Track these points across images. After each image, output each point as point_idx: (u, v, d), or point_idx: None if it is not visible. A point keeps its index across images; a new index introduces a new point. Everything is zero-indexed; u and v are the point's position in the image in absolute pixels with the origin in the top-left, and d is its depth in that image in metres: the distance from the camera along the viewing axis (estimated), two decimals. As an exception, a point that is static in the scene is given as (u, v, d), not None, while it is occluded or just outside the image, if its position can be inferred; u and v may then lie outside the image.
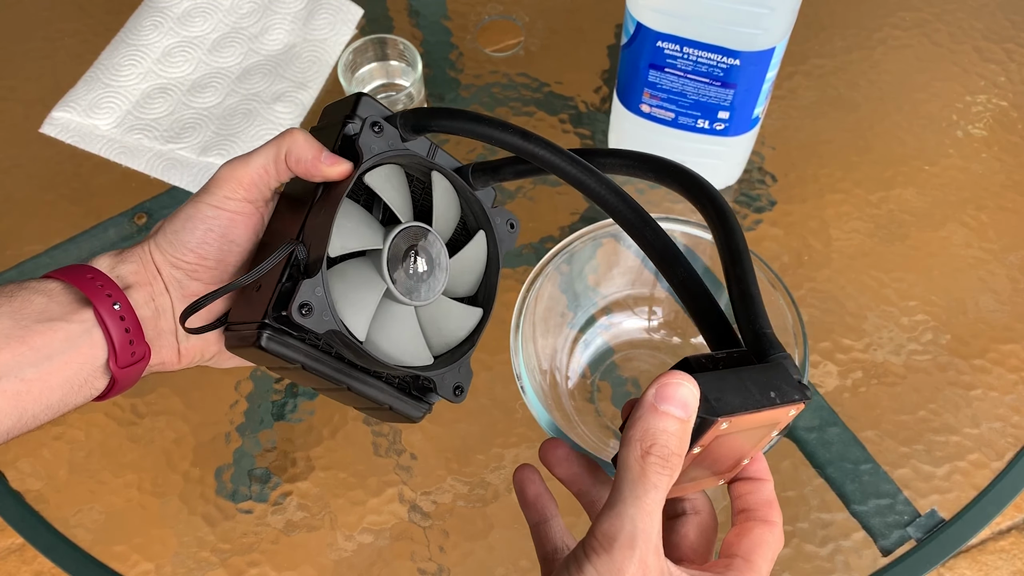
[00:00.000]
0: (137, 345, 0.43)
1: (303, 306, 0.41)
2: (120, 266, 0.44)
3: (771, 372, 0.38)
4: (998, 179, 0.84)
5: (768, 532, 0.38)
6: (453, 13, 0.95)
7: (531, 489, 0.42)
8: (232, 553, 0.68)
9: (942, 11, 0.94)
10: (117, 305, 0.42)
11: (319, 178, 0.44)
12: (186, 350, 0.46)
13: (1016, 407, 0.73)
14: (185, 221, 0.44)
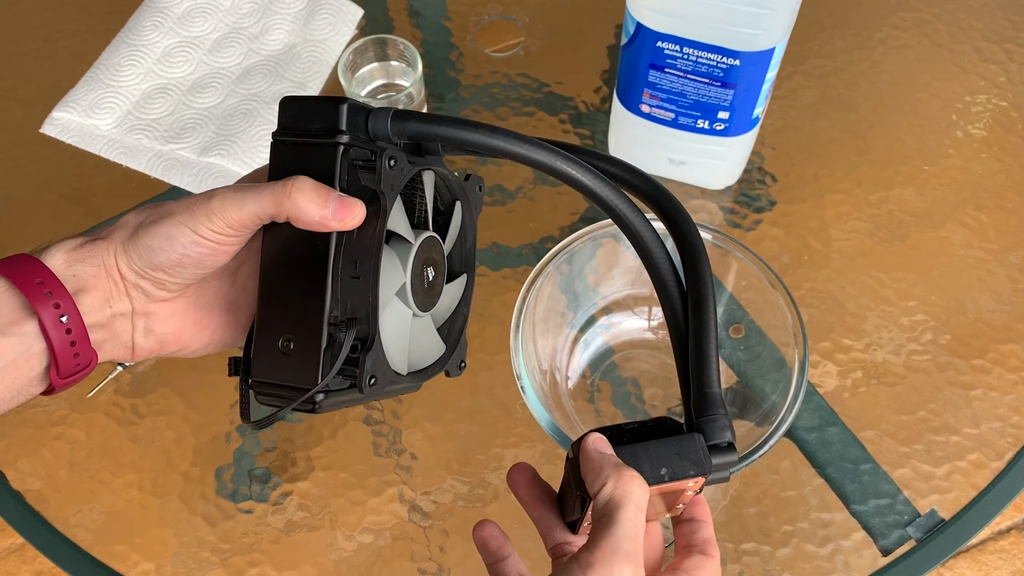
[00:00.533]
0: (82, 356, 0.41)
1: (371, 377, 0.42)
2: (78, 265, 0.41)
3: (683, 444, 0.42)
4: (998, 179, 0.84)
5: (708, 561, 0.43)
6: (453, 13, 0.95)
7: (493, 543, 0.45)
8: (232, 553, 0.68)
9: (942, 11, 0.94)
10: (64, 317, 0.40)
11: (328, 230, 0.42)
12: (141, 349, 0.44)
13: (1016, 407, 0.73)
14: (163, 241, 0.41)
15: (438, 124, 0.43)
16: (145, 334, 0.44)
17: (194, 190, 0.83)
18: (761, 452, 0.59)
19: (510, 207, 0.82)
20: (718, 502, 0.69)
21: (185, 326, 0.45)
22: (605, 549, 0.37)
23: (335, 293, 0.42)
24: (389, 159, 0.42)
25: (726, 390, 0.73)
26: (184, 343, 0.45)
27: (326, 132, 0.42)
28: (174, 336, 0.45)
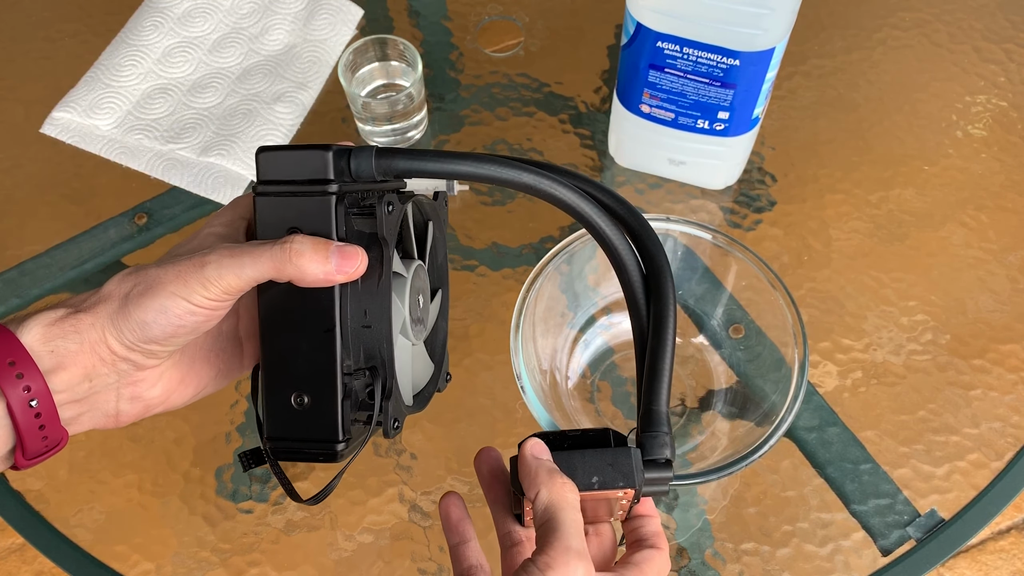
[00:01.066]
0: (51, 437, 0.39)
1: (395, 421, 0.44)
2: (57, 341, 0.39)
3: (618, 456, 0.44)
4: (998, 179, 0.84)
5: (657, 553, 0.45)
6: (453, 13, 0.95)
7: (455, 513, 0.47)
8: (232, 553, 0.68)
9: (942, 11, 0.94)
10: (35, 401, 0.38)
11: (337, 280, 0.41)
12: (126, 416, 0.43)
13: (1016, 407, 0.73)
14: (158, 314, 0.39)
15: (424, 159, 0.43)
16: (131, 401, 0.43)
17: (194, 190, 0.83)
18: (761, 452, 0.59)
19: (510, 207, 0.82)
20: (718, 502, 0.69)
21: (171, 386, 0.44)
22: (558, 549, 0.39)
23: (345, 343, 0.42)
24: (387, 204, 0.42)
25: (726, 390, 0.73)
26: (171, 402, 0.44)
27: (313, 182, 0.41)
28: (160, 398, 0.44)
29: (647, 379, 0.46)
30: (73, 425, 0.42)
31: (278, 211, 0.41)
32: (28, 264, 0.80)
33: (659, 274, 0.48)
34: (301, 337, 0.42)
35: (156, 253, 0.81)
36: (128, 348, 0.40)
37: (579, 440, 0.45)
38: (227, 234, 0.44)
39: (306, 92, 0.87)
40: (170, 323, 0.39)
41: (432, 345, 0.53)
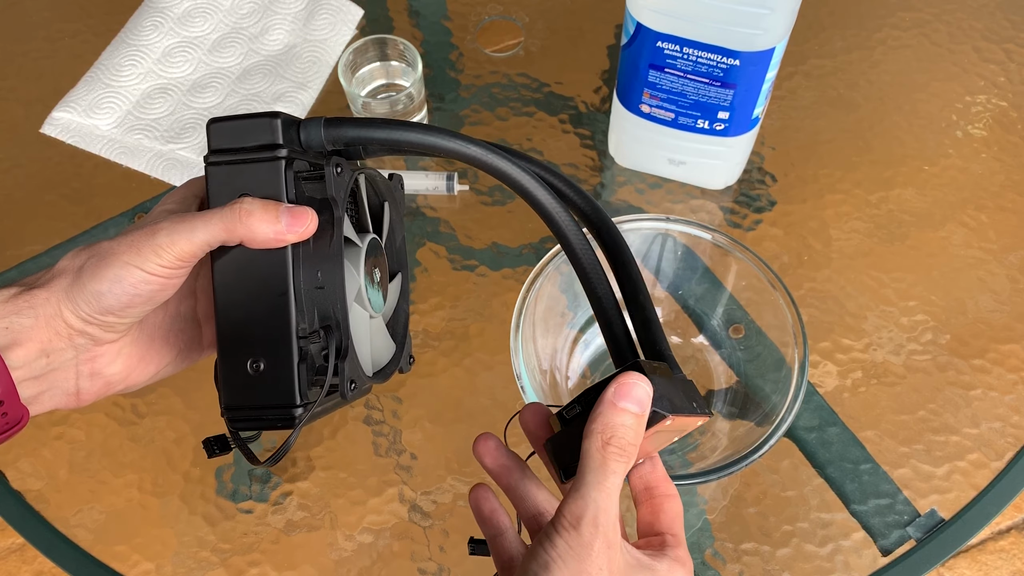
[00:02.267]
0: (11, 414, 0.39)
1: (351, 382, 0.42)
2: (11, 317, 0.39)
3: (688, 386, 0.45)
4: (998, 179, 0.84)
5: (675, 504, 0.44)
6: (453, 13, 0.95)
7: (486, 506, 0.45)
8: (232, 553, 0.68)
9: (941, 11, 0.94)
10: None
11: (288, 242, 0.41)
12: (87, 394, 0.42)
13: (1016, 407, 0.73)
14: (112, 283, 0.39)
15: (371, 127, 0.43)
16: (91, 378, 0.42)
17: (194, 190, 0.83)
18: (761, 452, 0.59)
19: (510, 207, 0.82)
20: (718, 502, 0.69)
21: (131, 363, 0.44)
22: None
23: (299, 305, 0.41)
24: (336, 166, 0.43)
25: (726, 390, 0.73)
26: (131, 380, 0.44)
27: (263, 148, 0.41)
28: (121, 375, 0.43)
29: (644, 330, 0.47)
30: (34, 405, 0.41)
31: (229, 179, 0.42)
32: (28, 264, 0.80)
33: (615, 243, 0.49)
34: (255, 303, 0.42)
35: (156, 253, 0.81)
36: (84, 321, 0.40)
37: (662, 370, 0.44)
38: (179, 211, 0.44)
39: (306, 92, 0.87)
40: (125, 292, 0.39)
41: (394, 327, 0.53)
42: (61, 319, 0.40)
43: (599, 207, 0.49)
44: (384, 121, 0.43)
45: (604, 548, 0.37)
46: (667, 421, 0.41)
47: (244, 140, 0.42)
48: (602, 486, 0.38)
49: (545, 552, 0.37)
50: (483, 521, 0.45)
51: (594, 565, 0.37)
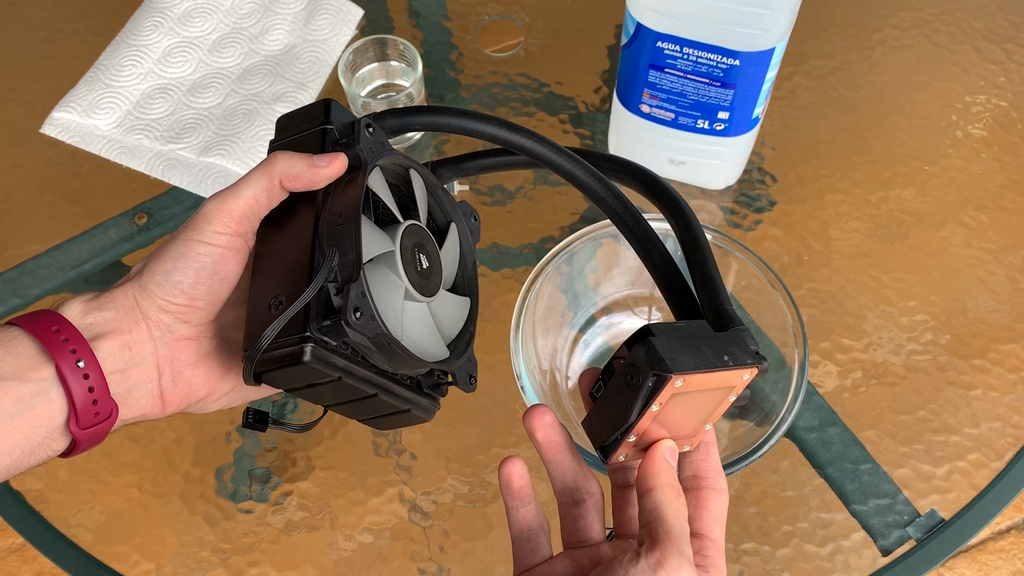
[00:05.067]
0: (102, 404, 0.40)
1: (356, 310, 0.40)
2: (94, 313, 0.41)
3: (729, 340, 0.40)
4: (998, 179, 0.84)
5: (721, 501, 0.41)
6: (453, 13, 0.95)
7: (517, 481, 0.42)
8: (232, 553, 0.68)
9: (942, 11, 0.94)
10: (81, 362, 0.39)
11: (321, 183, 0.43)
12: (171, 397, 0.43)
13: (1016, 407, 0.73)
14: (176, 261, 0.41)
15: (414, 114, 0.47)
16: (173, 380, 0.43)
17: (194, 190, 0.83)
18: (761, 452, 0.59)
19: (510, 207, 0.82)
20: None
21: (211, 367, 0.44)
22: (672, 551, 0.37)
23: (320, 244, 0.42)
24: (367, 126, 0.45)
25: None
26: (212, 386, 0.45)
27: (313, 126, 0.46)
28: (202, 379, 0.44)
29: (705, 286, 0.44)
30: (123, 407, 0.42)
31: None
32: (28, 264, 0.80)
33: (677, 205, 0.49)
34: (283, 249, 0.43)
35: (156, 253, 0.81)
36: (160, 309, 0.42)
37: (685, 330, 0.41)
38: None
39: (306, 92, 0.87)
40: (189, 267, 0.41)
41: (456, 344, 0.50)
42: (138, 309, 0.42)
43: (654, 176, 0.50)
44: (425, 108, 0.47)
45: None
46: (676, 382, 0.37)
47: (300, 124, 0.46)
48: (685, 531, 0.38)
49: None
50: (511, 494, 0.42)
51: None
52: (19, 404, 0.38)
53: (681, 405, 0.39)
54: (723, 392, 0.40)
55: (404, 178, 0.49)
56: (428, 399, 0.49)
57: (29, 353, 0.39)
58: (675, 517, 0.38)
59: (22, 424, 0.39)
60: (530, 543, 0.41)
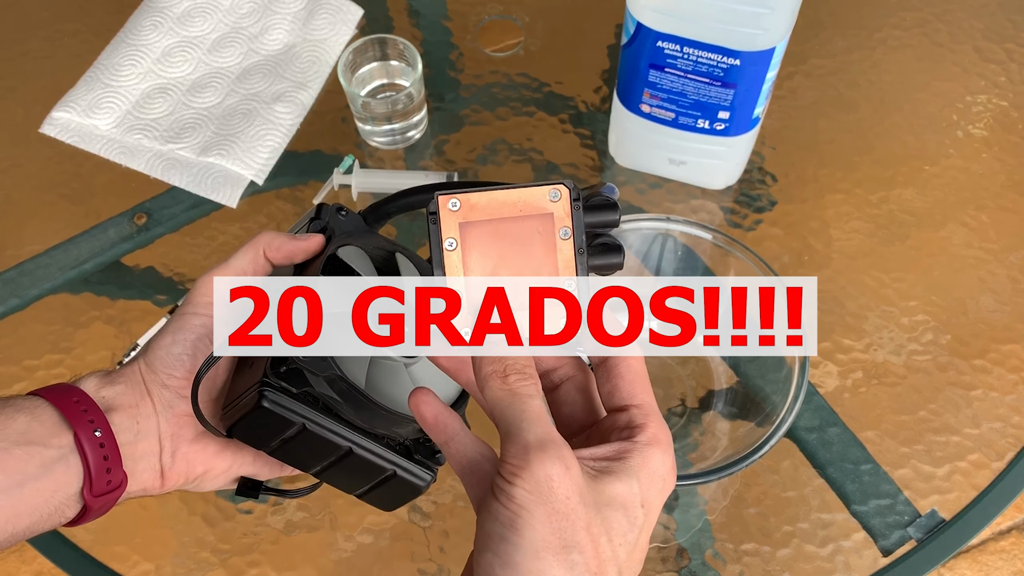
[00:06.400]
0: (114, 473, 0.42)
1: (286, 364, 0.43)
2: (107, 388, 0.44)
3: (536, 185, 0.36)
4: (998, 179, 0.84)
5: (633, 365, 0.38)
6: (453, 13, 0.95)
7: (428, 411, 0.38)
8: (232, 553, 0.68)
9: (942, 11, 0.94)
10: (98, 432, 0.42)
11: (299, 256, 0.48)
12: (170, 472, 0.45)
13: (1016, 407, 0.73)
14: (175, 334, 0.45)
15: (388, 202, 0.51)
16: (173, 455, 0.45)
17: (193, 190, 0.83)
18: (761, 452, 0.59)
19: (510, 207, 0.82)
20: (718, 502, 0.69)
21: (207, 444, 0.46)
22: (517, 448, 0.33)
23: None
24: (339, 210, 0.50)
25: (726, 390, 0.73)
26: (208, 463, 0.47)
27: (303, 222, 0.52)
28: (200, 457, 0.46)
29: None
30: (129, 478, 0.44)
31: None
32: (27, 264, 0.80)
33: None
34: None
35: (155, 253, 0.81)
36: (162, 384, 0.45)
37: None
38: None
39: (306, 92, 0.87)
40: (187, 339, 0.45)
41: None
42: (144, 385, 0.44)
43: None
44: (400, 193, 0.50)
45: (564, 472, 0.33)
46: (448, 203, 0.35)
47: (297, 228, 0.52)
48: (526, 414, 0.34)
49: (506, 508, 0.33)
50: (430, 428, 0.39)
51: (561, 499, 0.32)
52: (43, 468, 0.40)
53: (496, 244, 0.35)
54: (538, 222, 0.36)
55: (392, 262, 0.52)
56: (420, 466, 0.48)
57: (52, 421, 0.41)
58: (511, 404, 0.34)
59: (43, 487, 0.40)
60: (475, 475, 0.36)
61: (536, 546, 0.32)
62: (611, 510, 0.34)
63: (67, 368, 0.75)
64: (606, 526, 0.34)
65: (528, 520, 0.32)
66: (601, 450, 0.36)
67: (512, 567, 0.32)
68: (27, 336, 0.77)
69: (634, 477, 0.35)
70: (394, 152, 0.86)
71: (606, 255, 0.37)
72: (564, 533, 0.32)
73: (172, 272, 0.80)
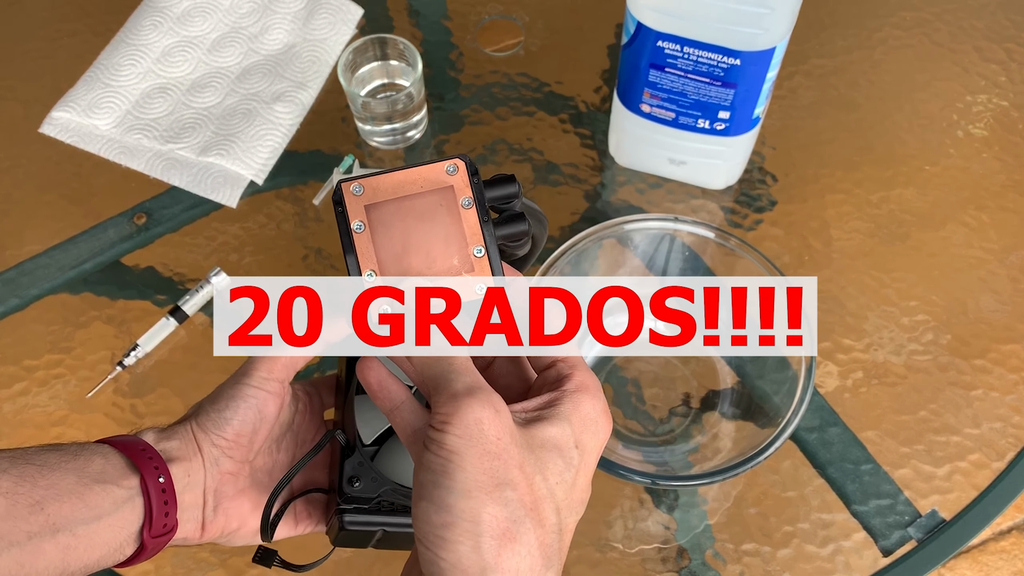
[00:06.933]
0: (170, 517, 0.46)
1: (352, 479, 0.48)
2: (163, 442, 0.47)
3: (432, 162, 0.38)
4: (998, 179, 0.84)
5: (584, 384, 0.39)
6: (453, 13, 0.95)
7: (372, 376, 0.40)
8: (232, 554, 0.67)
9: (942, 11, 0.94)
10: (162, 478, 0.45)
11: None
12: (210, 525, 0.48)
13: (1017, 407, 0.73)
14: (228, 400, 0.48)
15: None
16: (215, 509, 0.48)
17: (193, 190, 0.82)
18: (767, 454, 0.59)
19: (510, 207, 0.82)
20: (720, 503, 0.69)
21: (244, 502, 0.50)
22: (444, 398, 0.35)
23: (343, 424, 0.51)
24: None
25: (730, 390, 0.72)
26: (243, 520, 0.50)
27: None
28: (236, 512, 0.49)
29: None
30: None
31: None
32: (27, 264, 0.80)
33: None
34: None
35: (155, 253, 0.81)
36: (211, 443, 0.48)
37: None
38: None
39: (306, 92, 0.87)
40: (239, 406, 0.48)
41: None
42: (195, 442, 0.48)
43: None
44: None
45: (494, 415, 0.34)
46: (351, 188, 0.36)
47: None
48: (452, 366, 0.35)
49: (437, 455, 0.34)
50: (374, 394, 0.40)
51: (491, 440, 0.33)
52: (114, 505, 0.44)
53: (402, 221, 0.37)
54: (440, 196, 0.37)
55: None
56: None
57: (121, 465, 0.45)
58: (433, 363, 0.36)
59: (113, 524, 0.44)
60: (420, 443, 0.37)
61: (468, 486, 0.33)
62: (545, 451, 0.35)
63: (67, 368, 0.75)
64: (540, 465, 0.35)
65: (459, 463, 0.33)
66: (532, 403, 0.37)
67: (446, 510, 0.33)
68: (27, 336, 0.77)
69: (566, 420, 0.36)
70: (394, 152, 0.86)
71: (511, 224, 0.39)
72: (496, 472, 0.33)
73: (172, 272, 0.80)
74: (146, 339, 0.75)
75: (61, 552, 0.42)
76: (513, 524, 0.33)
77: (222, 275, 0.77)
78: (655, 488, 0.69)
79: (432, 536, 0.33)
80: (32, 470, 0.42)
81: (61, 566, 0.42)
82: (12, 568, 0.41)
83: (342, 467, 0.49)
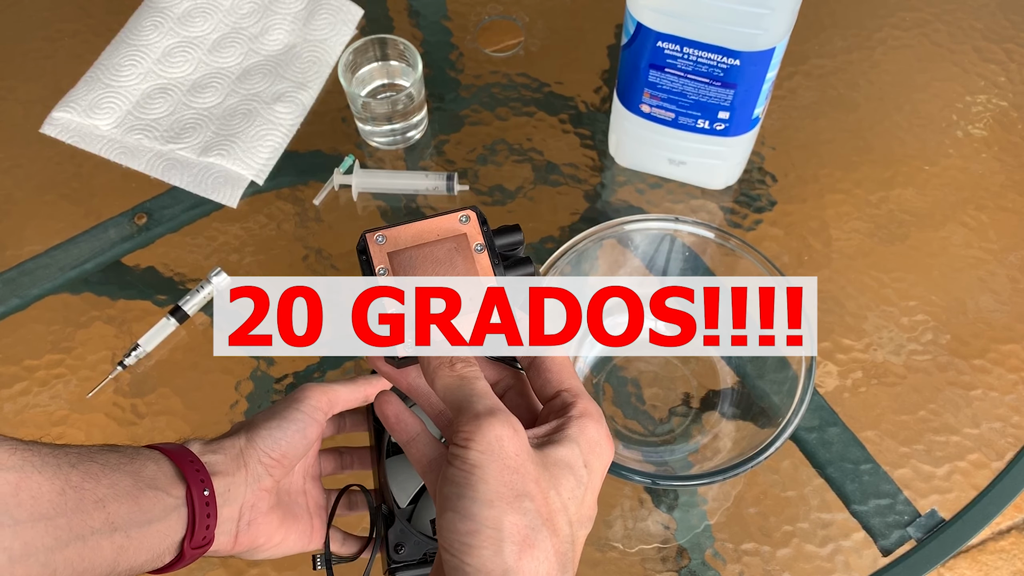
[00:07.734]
0: (210, 531, 0.47)
1: (397, 547, 0.52)
2: (209, 455, 0.49)
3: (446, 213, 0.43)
4: (998, 179, 0.84)
5: (557, 360, 0.42)
6: (453, 13, 0.95)
7: (390, 411, 0.43)
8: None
9: (942, 11, 0.94)
10: (207, 491, 0.47)
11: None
12: (242, 538, 0.50)
13: (1016, 407, 0.73)
14: (281, 421, 0.50)
15: None
16: (249, 523, 0.50)
17: (194, 190, 0.83)
18: (767, 454, 0.59)
19: (510, 207, 0.82)
20: (720, 503, 0.69)
21: (272, 519, 0.51)
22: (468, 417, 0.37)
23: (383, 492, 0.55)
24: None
25: (727, 390, 0.73)
26: (269, 536, 0.51)
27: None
28: (265, 529, 0.51)
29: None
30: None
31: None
32: (28, 264, 0.80)
33: None
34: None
35: (155, 253, 0.81)
36: (257, 460, 0.49)
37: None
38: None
39: (306, 92, 0.87)
40: (290, 427, 0.50)
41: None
42: (241, 458, 0.49)
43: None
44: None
45: (513, 434, 0.36)
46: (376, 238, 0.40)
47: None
48: (474, 391, 0.38)
49: (460, 470, 0.36)
50: (391, 427, 0.43)
51: (511, 456, 0.36)
52: (164, 512, 0.45)
53: (421, 266, 0.41)
54: (455, 242, 0.42)
55: None
56: None
57: (171, 473, 0.46)
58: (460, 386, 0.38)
59: (160, 530, 0.45)
60: (435, 472, 0.41)
61: (490, 496, 0.35)
62: (558, 468, 0.38)
63: (67, 368, 0.75)
64: (554, 482, 0.37)
65: (481, 475, 0.36)
66: (542, 429, 0.40)
67: (471, 518, 0.35)
68: (27, 336, 0.77)
69: (574, 442, 0.39)
70: (394, 152, 0.86)
71: (519, 267, 0.43)
72: (515, 484, 0.36)
73: (172, 272, 0.80)
74: (147, 339, 0.75)
75: (115, 551, 0.43)
76: (532, 532, 0.36)
77: (222, 275, 0.77)
78: (655, 488, 0.69)
79: (458, 544, 0.36)
80: (96, 468, 0.44)
81: (112, 565, 0.43)
82: (74, 560, 0.42)
83: (387, 537, 0.53)
